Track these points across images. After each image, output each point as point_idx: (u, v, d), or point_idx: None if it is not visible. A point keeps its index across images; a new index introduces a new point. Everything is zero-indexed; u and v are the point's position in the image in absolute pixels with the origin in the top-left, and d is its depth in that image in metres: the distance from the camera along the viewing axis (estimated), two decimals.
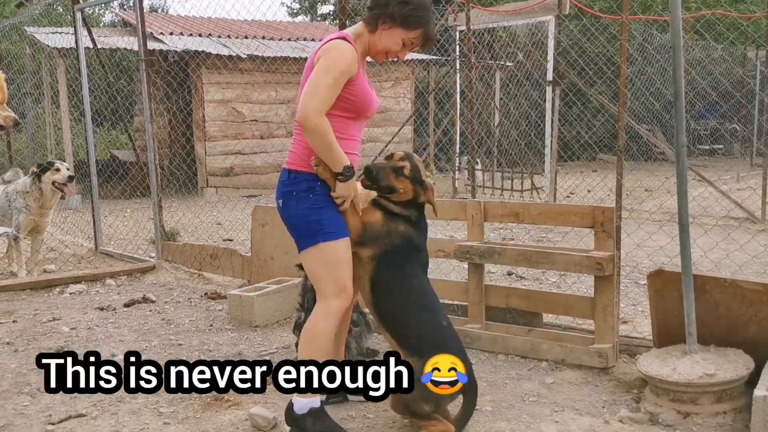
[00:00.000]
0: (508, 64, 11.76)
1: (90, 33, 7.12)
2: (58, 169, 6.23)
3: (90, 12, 19.51)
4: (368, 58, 3.10)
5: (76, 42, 6.97)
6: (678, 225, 3.26)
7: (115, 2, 19.52)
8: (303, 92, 2.86)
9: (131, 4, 15.10)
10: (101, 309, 5.22)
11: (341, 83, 2.85)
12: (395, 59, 3.05)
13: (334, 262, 2.93)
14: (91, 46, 7.29)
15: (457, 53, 10.30)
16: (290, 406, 3.06)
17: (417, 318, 3.04)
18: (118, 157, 13.24)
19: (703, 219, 7.68)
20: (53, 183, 6.20)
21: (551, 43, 9.19)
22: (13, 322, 4.98)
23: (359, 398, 3.43)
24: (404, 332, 3.04)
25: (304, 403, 3.01)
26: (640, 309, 4.90)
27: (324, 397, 3.43)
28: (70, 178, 6.26)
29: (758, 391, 2.88)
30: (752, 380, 3.08)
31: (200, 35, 13.31)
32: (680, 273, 3.29)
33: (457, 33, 10.30)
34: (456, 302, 4.42)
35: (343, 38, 2.90)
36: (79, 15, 6.92)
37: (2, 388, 3.77)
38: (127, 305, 5.31)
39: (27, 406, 3.52)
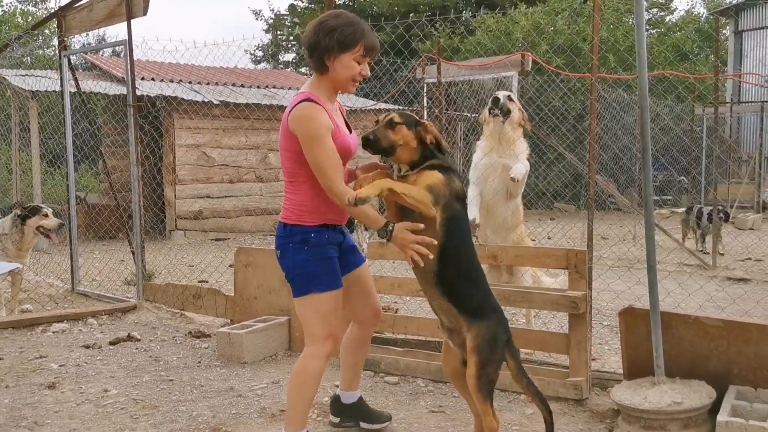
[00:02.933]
0: (474, 115, 12.26)
1: (75, 77, 7.29)
2: (46, 215, 6.33)
3: (52, 54, 19.55)
4: (340, 95, 3.31)
5: (62, 85, 7.15)
6: (647, 267, 3.60)
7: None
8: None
9: (110, 51, 15.28)
10: (87, 347, 5.30)
11: (329, 139, 3.04)
12: (362, 79, 3.20)
13: (324, 311, 3.16)
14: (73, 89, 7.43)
15: (425, 104, 10.74)
16: None
17: (476, 283, 3.14)
18: (85, 199, 13.25)
19: (659, 265, 8.12)
20: (38, 227, 6.28)
21: (515, 97, 9.67)
22: (0, 359, 5.03)
23: (372, 426, 3.63)
24: (467, 298, 3.11)
25: None
26: (606, 347, 5.23)
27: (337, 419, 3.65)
28: (60, 225, 6.35)
29: (720, 417, 3.20)
30: (713, 409, 3.40)
31: (171, 81, 13.55)
32: (648, 310, 3.62)
33: (425, 85, 10.74)
34: (436, 339, 4.64)
35: (307, 99, 3.06)
36: (65, 60, 7.11)
37: None
38: (112, 343, 5.40)
39: None
